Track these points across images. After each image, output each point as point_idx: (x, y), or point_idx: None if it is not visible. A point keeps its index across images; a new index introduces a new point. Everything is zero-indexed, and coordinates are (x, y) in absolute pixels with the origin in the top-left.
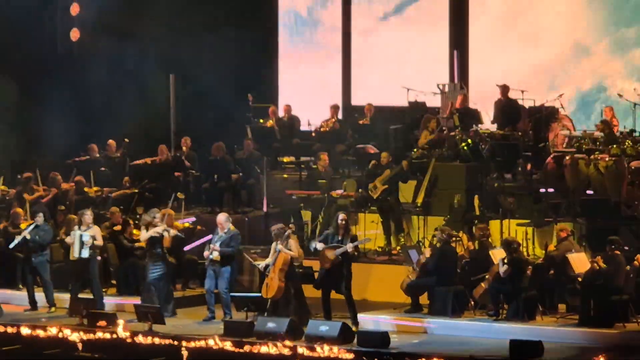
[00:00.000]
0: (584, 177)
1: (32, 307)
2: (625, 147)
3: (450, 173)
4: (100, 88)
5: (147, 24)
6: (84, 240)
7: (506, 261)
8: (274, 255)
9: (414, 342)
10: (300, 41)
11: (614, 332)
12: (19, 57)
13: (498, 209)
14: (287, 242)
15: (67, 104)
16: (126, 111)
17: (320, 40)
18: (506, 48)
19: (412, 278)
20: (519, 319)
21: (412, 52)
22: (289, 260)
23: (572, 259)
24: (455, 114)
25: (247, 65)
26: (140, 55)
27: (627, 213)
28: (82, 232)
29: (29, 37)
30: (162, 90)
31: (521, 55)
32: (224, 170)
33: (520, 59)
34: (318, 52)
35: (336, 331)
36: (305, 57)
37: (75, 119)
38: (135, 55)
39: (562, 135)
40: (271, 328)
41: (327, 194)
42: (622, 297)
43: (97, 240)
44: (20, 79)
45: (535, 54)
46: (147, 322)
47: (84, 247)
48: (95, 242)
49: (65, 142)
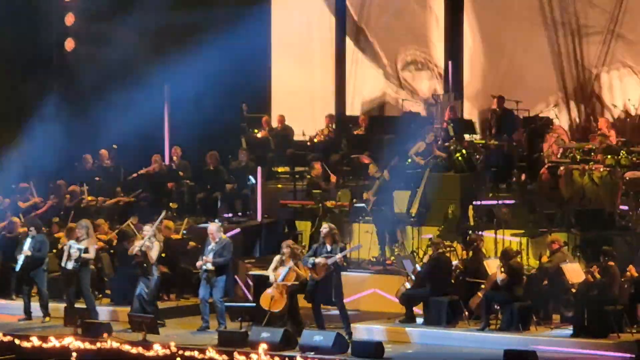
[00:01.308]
0: (579, 188)
1: (27, 316)
2: (619, 157)
3: (445, 183)
4: (95, 97)
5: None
6: (71, 252)
7: (503, 270)
8: (279, 269)
9: (408, 352)
10: (293, 50)
11: (608, 342)
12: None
13: (492, 219)
14: (298, 261)
15: (61, 112)
16: (120, 121)
17: (314, 49)
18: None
19: (407, 288)
20: (513, 329)
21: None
22: (294, 278)
23: (567, 269)
24: (450, 124)
25: (240, 75)
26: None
27: (621, 223)
28: (73, 243)
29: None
30: (156, 100)
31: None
32: (218, 180)
33: (513, 70)
34: (311, 61)
35: (330, 341)
36: (299, 67)
37: (69, 129)
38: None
39: (557, 146)
40: (265, 338)
41: (322, 204)
42: (616, 308)
43: (88, 253)
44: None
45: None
46: (141, 331)
47: (70, 259)
48: (84, 254)
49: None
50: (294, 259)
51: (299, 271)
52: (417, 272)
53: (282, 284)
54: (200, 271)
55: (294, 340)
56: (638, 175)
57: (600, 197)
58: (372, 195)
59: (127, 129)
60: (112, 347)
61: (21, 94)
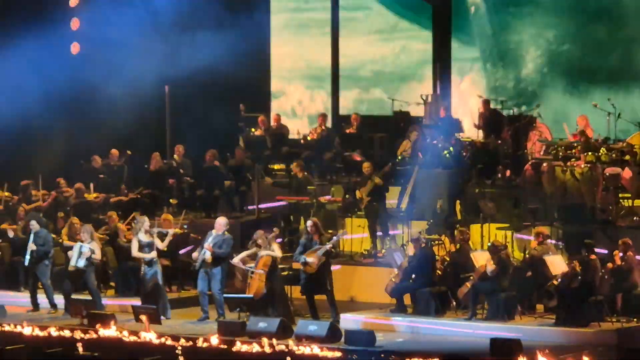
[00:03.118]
0: (561, 183)
1: (35, 308)
2: (599, 154)
3: (433, 179)
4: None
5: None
6: (82, 250)
7: (492, 262)
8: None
9: (398, 340)
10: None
11: (589, 331)
12: None
13: (479, 214)
14: (270, 245)
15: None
16: (123, 120)
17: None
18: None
19: (396, 281)
20: (499, 318)
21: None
22: (269, 262)
23: (549, 261)
24: (439, 123)
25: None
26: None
27: (601, 217)
28: (83, 244)
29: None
30: (158, 100)
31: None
32: (217, 177)
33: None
34: (309, 62)
35: (324, 330)
36: (297, 68)
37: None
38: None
39: (540, 143)
40: (262, 328)
41: (316, 199)
42: (597, 298)
43: (95, 255)
44: None
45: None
46: (144, 321)
47: (81, 257)
48: (93, 255)
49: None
50: (264, 246)
51: (272, 253)
52: (406, 265)
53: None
54: (196, 263)
55: (289, 329)
56: (617, 171)
57: (582, 192)
58: (365, 194)
59: (130, 129)
60: (117, 336)
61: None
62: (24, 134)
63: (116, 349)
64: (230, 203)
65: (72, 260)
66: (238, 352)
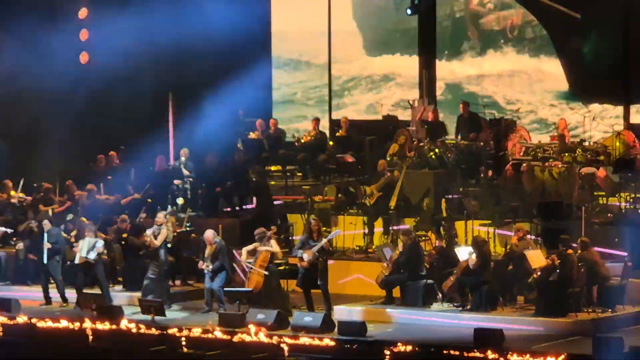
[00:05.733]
0: (540, 182)
1: (47, 302)
2: (575, 155)
3: (420, 179)
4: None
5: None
6: (97, 245)
7: (475, 256)
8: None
9: (388, 330)
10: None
11: (567, 320)
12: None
13: (463, 211)
14: (268, 242)
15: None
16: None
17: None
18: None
19: (386, 273)
20: (482, 309)
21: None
22: (267, 258)
23: (529, 255)
24: (425, 127)
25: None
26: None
27: (578, 214)
28: (92, 239)
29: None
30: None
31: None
32: (217, 178)
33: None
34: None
35: (319, 322)
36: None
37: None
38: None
39: (520, 145)
40: (261, 319)
41: (310, 198)
42: (574, 290)
43: (105, 252)
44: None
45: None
46: (150, 314)
47: (93, 250)
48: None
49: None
50: (263, 243)
51: (270, 248)
52: (395, 260)
53: (254, 265)
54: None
55: (286, 320)
56: (592, 170)
57: (559, 190)
58: (376, 189)
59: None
60: (125, 327)
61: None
62: (35, 137)
63: (124, 339)
64: (230, 202)
65: (82, 252)
66: (238, 342)
